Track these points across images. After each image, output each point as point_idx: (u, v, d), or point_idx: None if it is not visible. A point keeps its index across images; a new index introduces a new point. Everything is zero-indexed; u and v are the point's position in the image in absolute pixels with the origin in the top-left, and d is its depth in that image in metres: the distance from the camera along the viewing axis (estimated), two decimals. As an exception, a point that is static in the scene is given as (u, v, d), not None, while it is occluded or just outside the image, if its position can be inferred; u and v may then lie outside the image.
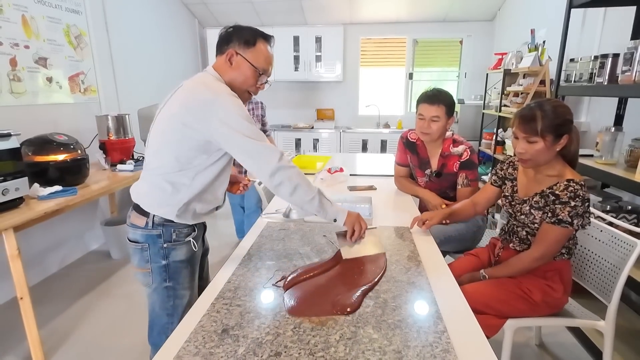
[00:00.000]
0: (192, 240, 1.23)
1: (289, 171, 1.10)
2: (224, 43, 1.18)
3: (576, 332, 1.94)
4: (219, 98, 1.05)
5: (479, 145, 3.76)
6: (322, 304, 0.98)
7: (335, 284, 1.09)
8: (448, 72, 5.04)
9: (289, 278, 1.11)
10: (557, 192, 1.27)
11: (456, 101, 4.25)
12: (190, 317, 0.93)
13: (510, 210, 1.48)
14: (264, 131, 3.03)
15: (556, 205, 1.26)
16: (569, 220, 1.24)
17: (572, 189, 1.24)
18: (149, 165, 1.17)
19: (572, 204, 1.23)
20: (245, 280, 1.11)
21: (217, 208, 1.28)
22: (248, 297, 1.02)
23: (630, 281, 1.54)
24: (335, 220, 1.22)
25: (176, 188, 1.14)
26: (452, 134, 1.89)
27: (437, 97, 1.78)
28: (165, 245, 1.18)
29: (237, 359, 0.78)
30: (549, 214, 1.29)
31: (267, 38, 1.21)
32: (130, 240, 1.21)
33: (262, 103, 2.96)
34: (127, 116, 2.74)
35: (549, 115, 1.24)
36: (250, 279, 1.12)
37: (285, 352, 0.80)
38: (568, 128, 1.26)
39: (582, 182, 1.25)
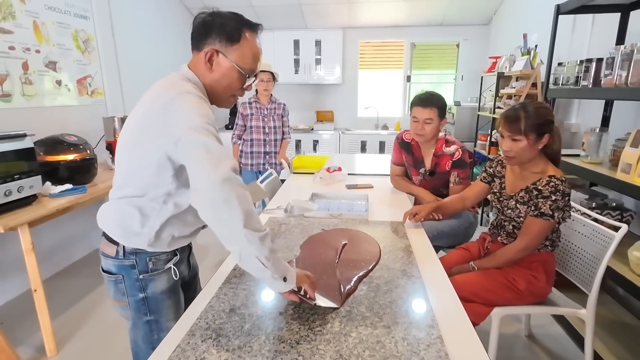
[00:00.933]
0: (172, 267, 1.06)
1: (242, 190, 0.82)
2: (201, 37, 0.97)
3: (563, 323, 2.03)
4: (178, 97, 0.88)
5: (474, 146, 3.84)
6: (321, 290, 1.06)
7: (333, 273, 1.17)
8: (445, 75, 5.14)
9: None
10: (539, 187, 1.36)
11: (453, 103, 4.36)
12: (200, 300, 1.02)
13: (498, 206, 1.58)
14: (282, 132, 3.13)
15: (539, 200, 1.36)
16: (550, 213, 1.34)
17: (553, 184, 1.33)
18: (114, 183, 1.01)
19: (553, 197, 1.33)
20: (249, 268, 1.20)
21: (204, 227, 1.07)
22: (252, 282, 1.11)
23: (616, 275, 1.62)
24: (285, 279, 0.87)
25: (145, 214, 0.95)
26: (445, 135, 1.99)
27: (429, 100, 1.87)
28: (141, 276, 1.01)
29: (244, 332, 0.87)
30: (532, 208, 1.38)
31: (254, 27, 1.00)
32: (103, 271, 1.05)
33: (284, 104, 3.06)
34: (132, 118, 2.84)
35: (531, 116, 1.34)
36: (254, 267, 1.21)
37: (287, 327, 0.89)
38: (549, 128, 1.36)
39: (563, 178, 1.35)
